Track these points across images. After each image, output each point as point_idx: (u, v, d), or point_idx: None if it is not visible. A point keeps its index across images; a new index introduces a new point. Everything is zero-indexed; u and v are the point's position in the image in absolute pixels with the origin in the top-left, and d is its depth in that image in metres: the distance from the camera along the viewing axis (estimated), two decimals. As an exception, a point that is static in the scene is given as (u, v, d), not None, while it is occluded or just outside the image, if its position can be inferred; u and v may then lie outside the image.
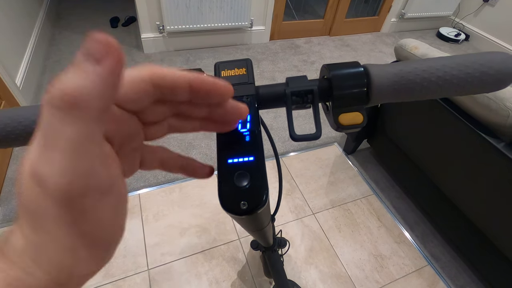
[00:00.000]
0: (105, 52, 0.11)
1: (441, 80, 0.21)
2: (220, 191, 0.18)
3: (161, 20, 2.01)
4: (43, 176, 0.11)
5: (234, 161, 0.19)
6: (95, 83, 0.11)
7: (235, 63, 0.24)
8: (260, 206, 0.18)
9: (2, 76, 1.38)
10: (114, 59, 0.11)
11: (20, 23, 1.74)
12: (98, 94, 0.11)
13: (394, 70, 0.22)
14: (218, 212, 1.26)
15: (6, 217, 1.15)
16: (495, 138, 0.89)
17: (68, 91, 0.11)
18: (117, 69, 0.12)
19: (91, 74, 0.11)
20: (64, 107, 0.11)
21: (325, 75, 0.24)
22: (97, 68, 0.11)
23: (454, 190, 1.10)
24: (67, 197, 0.11)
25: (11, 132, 0.22)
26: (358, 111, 0.22)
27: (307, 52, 2.40)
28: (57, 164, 0.11)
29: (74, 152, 0.11)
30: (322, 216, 1.30)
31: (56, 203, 0.11)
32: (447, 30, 2.90)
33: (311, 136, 0.22)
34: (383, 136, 1.39)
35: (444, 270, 1.17)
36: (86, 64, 0.11)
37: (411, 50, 1.04)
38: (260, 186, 0.18)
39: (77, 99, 0.11)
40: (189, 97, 0.16)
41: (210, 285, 1.05)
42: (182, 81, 0.16)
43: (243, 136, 0.20)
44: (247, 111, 0.18)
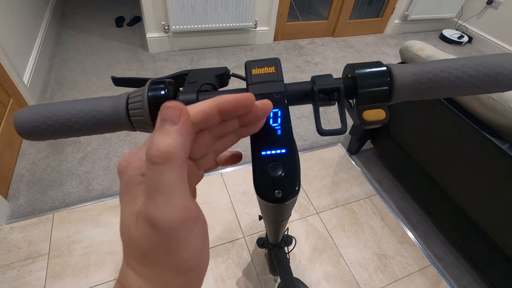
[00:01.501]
0: (178, 113, 0.15)
1: (458, 79, 0.23)
2: (256, 181, 0.20)
3: (166, 20, 2.02)
4: (153, 217, 0.14)
5: (267, 153, 0.20)
6: (178, 139, 0.15)
7: (264, 62, 0.25)
8: (293, 195, 0.19)
9: (10, 75, 1.40)
10: (185, 117, 0.15)
11: (27, 23, 1.76)
12: (181, 145, 0.15)
13: (414, 70, 0.23)
14: (223, 210, 1.27)
15: (15, 213, 1.17)
16: (499, 139, 0.90)
17: (162, 149, 0.14)
18: (189, 124, 0.16)
19: (173, 133, 0.15)
20: (161, 161, 0.14)
21: (349, 74, 0.25)
22: (175, 127, 0.15)
23: (458, 191, 1.11)
24: (172, 229, 0.14)
25: (51, 125, 0.24)
26: (380, 108, 0.23)
27: (311, 53, 2.41)
28: (163, 205, 0.14)
29: (173, 193, 0.14)
30: (326, 215, 1.31)
31: (164, 237, 0.15)
32: (450, 32, 2.91)
33: (337, 131, 0.23)
34: (386, 137, 1.40)
35: (447, 270, 1.18)
36: (167, 126, 0.15)
37: (416, 52, 1.06)
38: (293, 176, 0.19)
39: (170, 153, 0.14)
40: (220, 118, 0.19)
41: (216, 282, 1.06)
42: (210, 110, 0.18)
43: (275, 130, 0.21)
44: (271, 105, 0.20)
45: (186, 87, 0.27)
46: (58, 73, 1.88)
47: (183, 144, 0.15)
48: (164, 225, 0.14)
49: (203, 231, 0.17)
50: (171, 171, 0.14)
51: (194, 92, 0.25)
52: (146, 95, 0.23)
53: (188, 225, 0.15)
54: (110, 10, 2.61)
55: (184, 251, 0.15)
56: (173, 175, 0.14)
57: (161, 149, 0.14)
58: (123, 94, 0.25)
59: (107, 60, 2.04)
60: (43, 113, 0.24)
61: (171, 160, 0.14)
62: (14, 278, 1.00)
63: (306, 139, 1.64)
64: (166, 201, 0.14)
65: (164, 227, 0.14)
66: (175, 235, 0.15)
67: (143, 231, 0.15)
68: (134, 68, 2.00)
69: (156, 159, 0.14)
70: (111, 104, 0.24)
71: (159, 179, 0.14)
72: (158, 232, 0.15)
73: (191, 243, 0.16)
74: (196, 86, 0.27)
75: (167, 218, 0.14)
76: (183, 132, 0.15)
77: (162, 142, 0.14)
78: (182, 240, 0.15)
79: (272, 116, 0.22)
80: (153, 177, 0.14)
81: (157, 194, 0.14)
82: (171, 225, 0.14)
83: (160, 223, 0.14)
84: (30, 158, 1.37)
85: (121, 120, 0.24)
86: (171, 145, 0.14)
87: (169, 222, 0.14)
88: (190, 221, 0.15)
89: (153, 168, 0.14)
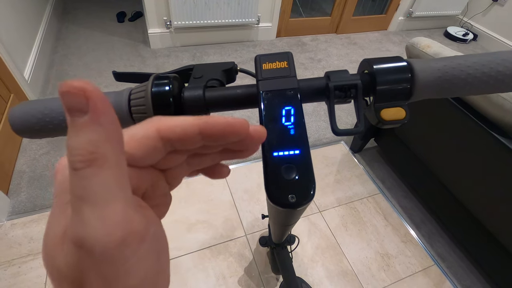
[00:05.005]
0: (82, 98, 0.11)
1: (485, 76, 0.21)
2: (268, 184, 0.18)
3: (168, 16, 2.00)
4: (81, 236, 0.11)
5: (279, 154, 0.19)
6: (97, 132, 0.11)
7: (276, 56, 0.23)
8: (308, 201, 0.18)
9: (11, 70, 1.39)
10: (96, 100, 0.11)
11: (28, 18, 1.74)
12: (105, 139, 0.11)
13: (438, 66, 0.22)
14: (225, 208, 1.26)
15: (16, 209, 1.16)
16: (507, 138, 0.88)
17: (80, 150, 0.11)
18: (105, 108, 0.11)
19: (87, 126, 0.11)
20: (84, 166, 0.11)
21: (366, 70, 0.24)
22: (86, 118, 0.11)
23: (463, 190, 1.09)
24: (107, 250, 0.11)
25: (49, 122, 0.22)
26: (400, 107, 0.22)
27: (314, 49, 2.38)
28: (93, 219, 0.11)
29: (105, 203, 0.11)
30: (328, 214, 1.30)
31: (98, 262, 0.11)
32: (455, 29, 2.87)
33: (354, 131, 0.22)
34: (390, 135, 1.39)
35: (451, 270, 1.17)
36: (77, 119, 0.11)
37: (423, 49, 1.04)
38: (307, 180, 0.18)
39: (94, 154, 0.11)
40: (202, 143, 0.15)
41: (217, 280, 1.06)
42: (191, 131, 0.14)
43: (288, 129, 0.20)
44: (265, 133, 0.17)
45: (192, 83, 0.25)
46: (59, 69, 1.87)
47: (109, 137, 0.11)
48: (95, 246, 0.11)
49: (157, 250, 0.13)
50: (99, 176, 0.11)
51: (201, 88, 0.23)
52: (149, 90, 0.21)
53: (131, 244, 0.11)
54: (111, 5, 2.59)
55: (129, 277, 0.12)
56: (103, 181, 0.11)
57: (79, 151, 0.11)
58: (125, 90, 0.23)
59: (108, 55, 2.02)
60: (40, 109, 0.22)
61: (97, 161, 0.11)
62: (14, 275, 1.00)
63: (309, 136, 1.63)
64: (97, 214, 0.11)
65: (96, 249, 0.11)
66: (112, 257, 0.11)
67: (71, 255, 0.11)
68: (135, 64, 1.98)
69: (77, 164, 0.11)
70: (113, 100, 0.23)
71: (85, 187, 0.11)
72: (89, 256, 0.11)
73: (139, 266, 0.12)
74: (203, 82, 0.25)
75: (98, 236, 0.11)
76: (101, 121, 0.11)
77: (77, 142, 0.11)
78: (123, 264, 0.11)
79: (284, 114, 0.20)
80: (77, 186, 0.11)
81: (84, 205, 0.11)
82: (105, 245, 0.11)
83: (90, 243, 0.11)
84: (31, 154, 1.36)
85: (123, 117, 0.22)
86: (90, 144, 0.11)
87: (102, 241, 0.11)
88: (133, 238, 0.11)
89: (76, 175, 0.11)
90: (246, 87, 0.24)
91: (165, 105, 0.21)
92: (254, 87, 0.23)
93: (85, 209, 0.11)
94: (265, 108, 0.21)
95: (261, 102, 0.21)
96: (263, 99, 0.21)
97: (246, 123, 0.16)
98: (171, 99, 0.21)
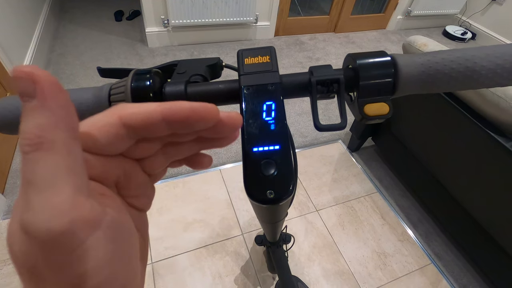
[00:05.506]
0: (30, 82, 0.11)
1: (469, 71, 0.21)
2: (246, 180, 0.18)
3: (166, 14, 2.00)
4: (25, 222, 0.11)
5: (259, 149, 0.19)
6: (45, 115, 0.11)
7: (258, 51, 0.23)
8: (287, 196, 0.17)
9: (7, 68, 1.38)
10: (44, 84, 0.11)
11: (25, 16, 1.73)
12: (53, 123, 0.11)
13: (421, 60, 0.22)
14: (221, 207, 1.26)
15: (11, 209, 1.16)
16: (503, 137, 0.88)
17: (28, 133, 0.11)
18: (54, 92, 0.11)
19: (35, 110, 0.11)
20: (32, 149, 0.11)
21: (350, 65, 0.24)
22: (34, 102, 0.11)
23: (460, 189, 1.09)
24: (54, 236, 0.10)
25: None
26: (384, 102, 0.22)
27: (312, 48, 2.38)
28: (37, 204, 0.11)
29: (51, 187, 0.11)
30: (325, 213, 1.30)
31: (44, 248, 0.11)
32: (453, 28, 2.87)
33: (336, 126, 0.22)
34: (388, 134, 1.39)
35: (447, 268, 1.17)
36: (25, 103, 0.11)
37: (420, 47, 1.03)
38: (287, 175, 0.18)
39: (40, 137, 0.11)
40: (168, 130, 0.15)
41: (214, 279, 1.05)
42: (154, 117, 0.14)
43: (268, 124, 0.19)
44: (241, 120, 0.16)
45: (175, 78, 0.25)
46: (56, 68, 1.86)
47: (57, 121, 0.11)
48: (40, 232, 0.10)
49: (115, 238, 0.13)
50: (47, 160, 0.11)
51: (182, 83, 0.23)
52: (129, 85, 0.21)
53: (82, 229, 0.11)
54: (109, 4, 2.58)
55: (80, 264, 0.11)
56: (51, 165, 0.11)
57: (27, 135, 0.11)
58: (105, 85, 0.23)
59: (106, 54, 2.02)
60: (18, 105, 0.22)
61: (44, 145, 0.11)
62: (10, 274, 0.99)
63: (306, 135, 1.63)
64: (42, 199, 0.11)
65: (40, 234, 0.10)
66: (59, 244, 0.11)
67: (22, 242, 0.11)
68: (133, 63, 1.98)
69: (25, 147, 0.11)
70: (92, 96, 0.22)
71: (31, 171, 0.11)
72: (35, 242, 0.11)
73: (91, 254, 0.12)
74: (185, 77, 0.25)
75: (42, 222, 0.10)
76: (49, 105, 0.11)
77: (26, 126, 0.11)
78: (73, 251, 0.11)
79: (265, 109, 0.20)
80: (26, 170, 0.11)
81: (31, 190, 0.11)
82: (50, 231, 0.10)
83: (34, 228, 0.10)
84: (27, 153, 1.36)
85: None
86: (37, 128, 0.11)
87: (46, 226, 0.10)
88: (82, 223, 0.11)
89: (25, 159, 0.11)
90: (228, 82, 0.23)
91: (145, 101, 0.21)
92: (236, 82, 0.23)
93: (31, 193, 0.11)
94: (245, 103, 0.21)
95: (242, 96, 0.21)
96: (244, 94, 0.21)
97: (214, 108, 0.15)
98: (151, 94, 0.21)
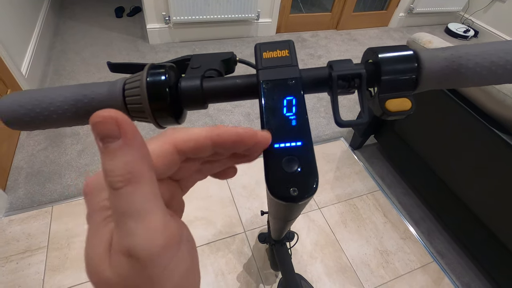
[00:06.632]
0: (113, 125, 0.12)
1: (494, 65, 0.20)
2: (268, 177, 0.17)
3: (167, 11, 1.98)
4: (130, 246, 0.12)
5: (281, 146, 0.18)
6: (131, 154, 0.12)
7: (277, 45, 0.23)
8: (310, 194, 0.17)
9: (8, 65, 1.37)
10: (126, 126, 0.12)
11: (25, 13, 1.72)
12: (139, 160, 0.13)
13: (445, 54, 0.21)
14: (224, 205, 1.26)
15: (13, 206, 1.15)
16: (508, 134, 0.88)
17: (118, 173, 0.12)
18: (134, 131, 0.13)
19: (121, 150, 0.12)
20: (122, 185, 0.12)
21: (371, 59, 0.23)
22: (119, 143, 0.12)
23: (463, 187, 1.09)
24: (154, 255, 0.12)
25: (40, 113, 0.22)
26: (405, 97, 0.21)
27: (314, 46, 2.37)
28: (138, 230, 0.12)
29: (147, 215, 0.12)
30: (328, 210, 1.30)
31: (145, 267, 0.12)
32: (455, 26, 2.86)
33: (358, 122, 0.21)
34: (390, 132, 1.38)
35: (450, 266, 1.17)
36: (110, 145, 0.12)
37: (424, 45, 1.03)
38: (310, 172, 0.17)
39: (130, 174, 0.12)
40: (212, 151, 0.17)
41: (216, 276, 1.05)
42: (204, 142, 0.16)
43: (290, 120, 0.19)
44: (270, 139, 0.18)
45: (189, 73, 0.24)
46: (56, 64, 1.85)
47: (141, 157, 0.13)
48: (144, 253, 0.12)
49: (189, 250, 0.15)
50: (138, 191, 0.12)
51: (198, 78, 0.23)
52: (144, 80, 0.21)
53: (171, 247, 0.13)
54: (109, 0, 2.56)
55: (171, 277, 0.13)
56: (142, 195, 0.12)
57: (117, 172, 0.12)
58: (119, 80, 0.22)
59: (106, 51, 2.01)
60: (30, 100, 0.21)
61: (134, 179, 0.12)
62: (12, 271, 0.99)
63: (308, 133, 1.62)
64: (142, 225, 0.12)
65: (145, 255, 0.12)
66: (157, 261, 0.12)
67: (119, 265, 0.13)
68: (134, 59, 1.96)
69: (117, 184, 0.12)
70: (106, 91, 0.22)
71: (127, 203, 0.12)
72: (138, 263, 0.12)
73: (179, 266, 0.14)
74: (200, 72, 0.24)
75: (145, 244, 0.12)
76: (133, 144, 0.13)
77: (114, 165, 0.12)
78: (166, 265, 0.13)
79: (286, 104, 0.19)
80: (119, 204, 0.12)
81: (129, 220, 0.12)
82: (152, 251, 0.12)
83: (138, 251, 0.12)
84: (29, 150, 1.35)
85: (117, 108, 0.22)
86: (126, 165, 0.12)
87: (148, 247, 0.12)
88: (172, 242, 0.13)
89: (117, 194, 0.12)
90: (245, 77, 0.23)
91: (161, 96, 0.21)
92: (254, 77, 0.22)
93: (130, 222, 0.12)
94: (265, 98, 0.20)
95: (261, 92, 0.20)
96: (263, 89, 0.20)
97: (255, 133, 0.17)
98: (167, 89, 0.21)
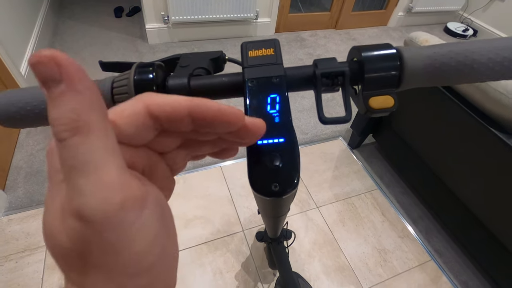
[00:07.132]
0: (53, 67, 0.10)
1: (476, 63, 0.21)
2: (251, 172, 0.18)
3: (166, 11, 1.98)
4: (79, 207, 0.10)
5: (263, 142, 0.18)
6: (78, 99, 0.11)
7: (262, 43, 0.23)
8: (291, 189, 0.17)
9: (7, 65, 1.38)
10: (71, 68, 0.11)
11: (24, 13, 1.72)
12: (88, 106, 0.11)
13: (427, 53, 0.21)
14: (222, 203, 1.26)
15: (12, 205, 1.16)
16: (505, 133, 0.88)
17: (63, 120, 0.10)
18: (80, 75, 0.11)
19: (65, 95, 0.10)
20: (69, 135, 0.10)
21: (355, 57, 0.23)
22: (63, 86, 0.10)
23: (461, 186, 1.09)
24: (108, 217, 0.11)
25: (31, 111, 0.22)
26: (388, 95, 0.22)
27: (313, 45, 2.37)
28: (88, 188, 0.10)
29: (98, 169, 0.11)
30: (326, 209, 1.30)
31: (99, 231, 0.11)
32: (454, 25, 2.86)
33: (341, 119, 0.22)
34: (388, 131, 1.38)
35: (448, 265, 1.18)
36: (53, 89, 0.10)
37: (421, 44, 1.03)
38: (291, 168, 0.18)
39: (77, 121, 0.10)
40: (191, 127, 0.15)
41: (214, 275, 1.06)
42: (181, 111, 0.14)
43: (273, 117, 0.19)
44: (264, 127, 0.16)
45: (178, 72, 0.25)
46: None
47: (89, 104, 0.11)
48: (95, 214, 0.10)
49: (161, 216, 0.13)
50: (87, 143, 0.10)
51: (185, 76, 0.23)
52: (132, 78, 0.21)
53: (132, 208, 0.11)
54: (108, 0, 2.56)
55: (134, 243, 0.11)
56: (91, 147, 0.11)
57: (62, 120, 0.10)
58: (107, 78, 0.23)
59: (105, 51, 2.01)
60: (20, 98, 0.22)
61: (81, 129, 0.10)
62: (11, 270, 1.00)
63: (307, 132, 1.62)
64: (91, 181, 0.10)
65: (96, 217, 0.10)
66: (114, 224, 0.11)
67: (72, 229, 0.11)
68: (133, 59, 1.97)
69: (62, 133, 0.10)
70: None
71: (74, 156, 0.10)
72: (90, 226, 0.10)
73: (143, 232, 0.12)
74: (188, 71, 0.25)
75: (96, 203, 0.10)
76: (78, 88, 0.11)
77: (58, 112, 0.10)
78: (126, 229, 0.11)
79: (269, 102, 0.20)
80: (66, 157, 0.10)
81: (77, 175, 0.10)
82: (105, 211, 0.10)
83: (89, 211, 0.10)
84: (28, 150, 1.35)
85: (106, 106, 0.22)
86: (72, 110, 0.10)
87: (100, 207, 0.10)
88: (132, 202, 0.11)
89: (63, 146, 0.10)
90: (232, 75, 0.23)
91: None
92: (239, 75, 0.23)
93: (78, 178, 0.10)
94: (250, 96, 0.20)
95: (246, 89, 0.21)
96: (249, 87, 0.21)
97: (241, 113, 0.15)
98: (154, 87, 0.21)
